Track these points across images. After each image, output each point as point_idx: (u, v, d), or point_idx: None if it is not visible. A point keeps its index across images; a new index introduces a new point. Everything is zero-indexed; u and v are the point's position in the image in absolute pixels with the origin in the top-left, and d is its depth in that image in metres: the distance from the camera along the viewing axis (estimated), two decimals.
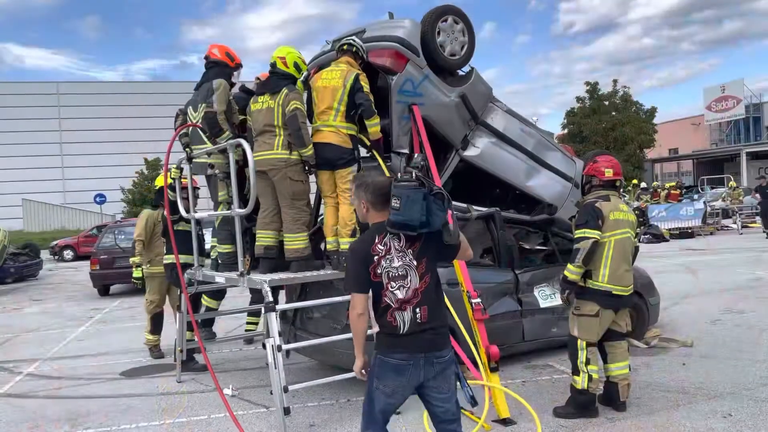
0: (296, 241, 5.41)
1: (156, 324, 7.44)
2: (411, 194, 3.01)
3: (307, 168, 5.43)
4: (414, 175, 3.22)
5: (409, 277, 3.12)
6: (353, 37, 5.70)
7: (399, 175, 3.19)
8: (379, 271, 3.10)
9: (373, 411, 3.18)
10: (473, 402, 3.36)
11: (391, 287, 3.11)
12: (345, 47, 5.59)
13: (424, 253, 3.15)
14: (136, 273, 7.50)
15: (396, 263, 3.11)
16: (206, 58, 6.00)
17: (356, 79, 5.29)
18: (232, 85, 5.96)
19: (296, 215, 5.42)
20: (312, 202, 5.96)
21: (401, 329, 3.09)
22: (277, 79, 5.42)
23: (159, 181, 7.60)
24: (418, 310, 3.10)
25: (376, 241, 3.13)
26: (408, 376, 3.10)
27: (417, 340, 3.10)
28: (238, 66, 6.08)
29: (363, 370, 3.20)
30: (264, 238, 5.57)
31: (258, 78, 6.45)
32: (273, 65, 5.51)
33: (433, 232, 3.10)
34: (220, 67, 5.91)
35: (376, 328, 3.24)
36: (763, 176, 23.66)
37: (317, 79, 5.50)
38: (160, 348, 7.50)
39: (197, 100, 5.83)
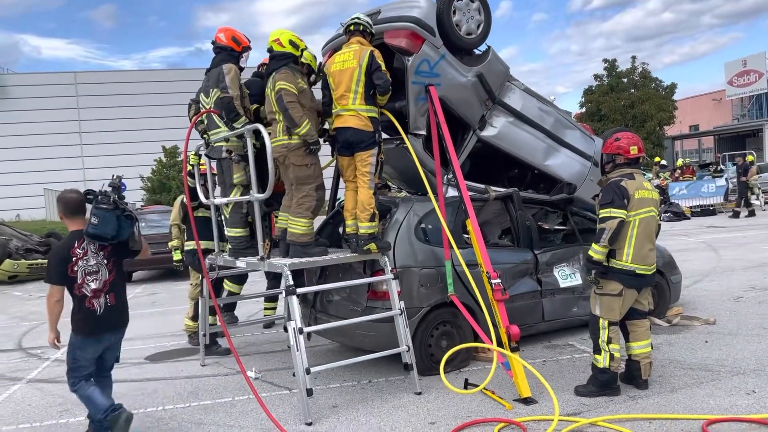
0: (296, 226, 5.36)
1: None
2: (107, 215, 4.15)
3: (309, 149, 5.23)
4: (111, 198, 4.20)
5: (100, 272, 4.31)
6: (358, 15, 5.57)
7: (99, 197, 4.20)
8: (75, 269, 4.22)
9: (80, 372, 4.32)
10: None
11: (87, 281, 4.25)
12: (352, 27, 5.49)
13: (113, 254, 4.37)
14: (176, 256, 7.65)
15: (92, 262, 4.27)
16: (213, 43, 5.98)
17: (371, 56, 5.20)
18: (241, 69, 5.95)
19: (301, 199, 5.37)
20: (331, 185, 5.95)
21: (98, 311, 4.28)
22: (275, 63, 5.39)
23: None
24: (107, 296, 4.32)
25: (75, 245, 4.24)
26: (102, 343, 4.36)
27: (109, 318, 4.34)
28: (246, 49, 6.01)
29: (56, 341, 4.34)
30: (284, 220, 5.59)
31: (263, 64, 6.42)
32: (270, 50, 5.48)
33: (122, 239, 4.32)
34: (227, 52, 5.88)
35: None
36: (741, 156, 23.22)
37: (331, 63, 5.44)
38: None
39: (208, 86, 5.83)
